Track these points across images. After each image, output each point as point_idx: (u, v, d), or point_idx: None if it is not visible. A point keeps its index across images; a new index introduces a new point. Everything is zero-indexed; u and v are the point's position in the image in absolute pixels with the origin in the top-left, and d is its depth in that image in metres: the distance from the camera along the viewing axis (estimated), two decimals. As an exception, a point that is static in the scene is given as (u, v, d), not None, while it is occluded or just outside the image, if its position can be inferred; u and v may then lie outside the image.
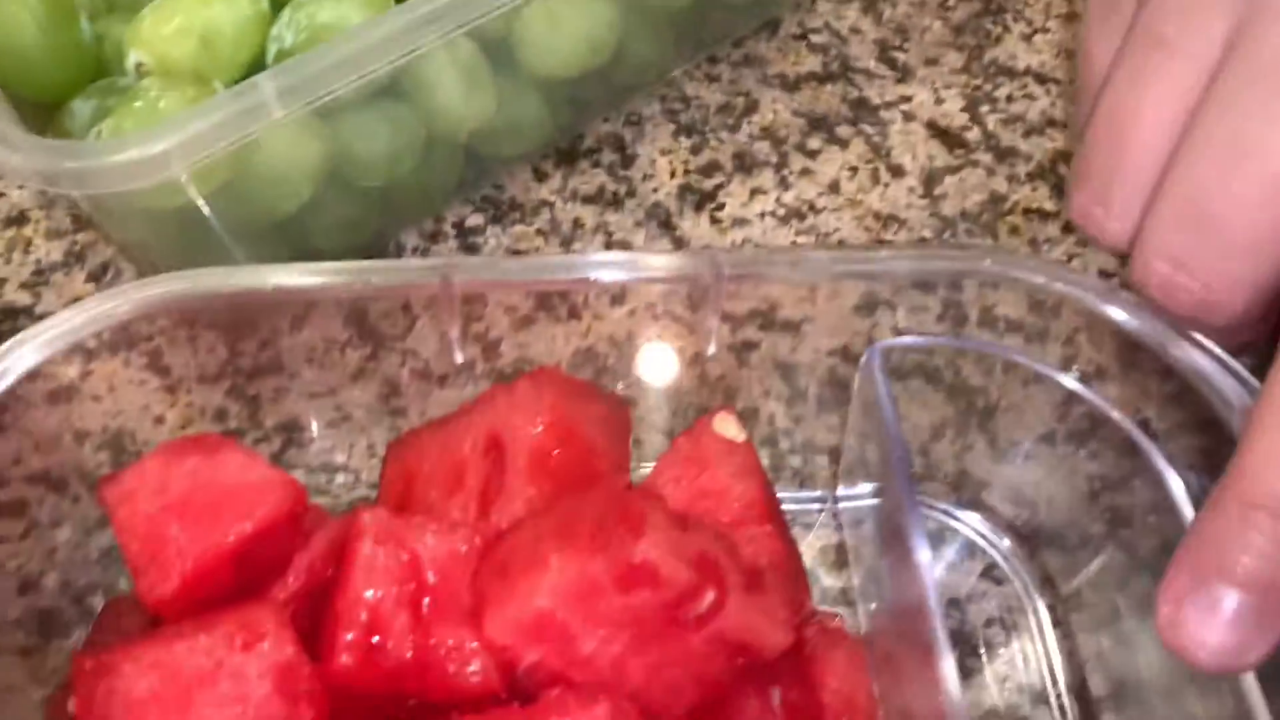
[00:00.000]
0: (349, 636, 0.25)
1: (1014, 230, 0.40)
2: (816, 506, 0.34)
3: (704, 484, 0.29)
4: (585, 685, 0.24)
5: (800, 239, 0.35)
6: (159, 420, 0.31)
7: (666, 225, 0.39)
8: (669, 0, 0.39)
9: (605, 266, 0.29)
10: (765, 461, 0.33)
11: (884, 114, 0.43)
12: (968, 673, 0.31)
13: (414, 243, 0.39)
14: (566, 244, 0.39)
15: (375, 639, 0.25)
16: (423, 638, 0.25)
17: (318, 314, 0.30)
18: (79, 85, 0.34)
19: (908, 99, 0.43)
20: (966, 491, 0.34)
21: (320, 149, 0.33)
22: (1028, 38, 0.45)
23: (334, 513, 0.29)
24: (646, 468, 0.32)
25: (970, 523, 0.34)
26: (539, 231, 0.38)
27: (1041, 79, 0.44)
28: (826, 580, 0.33)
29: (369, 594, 0.25)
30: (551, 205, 0.39)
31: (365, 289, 0.29)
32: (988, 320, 0.31)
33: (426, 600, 0.25)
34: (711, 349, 0.31)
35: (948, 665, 0.24)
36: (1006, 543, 0.34)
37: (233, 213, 0.33)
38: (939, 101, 0.43)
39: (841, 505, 0.34)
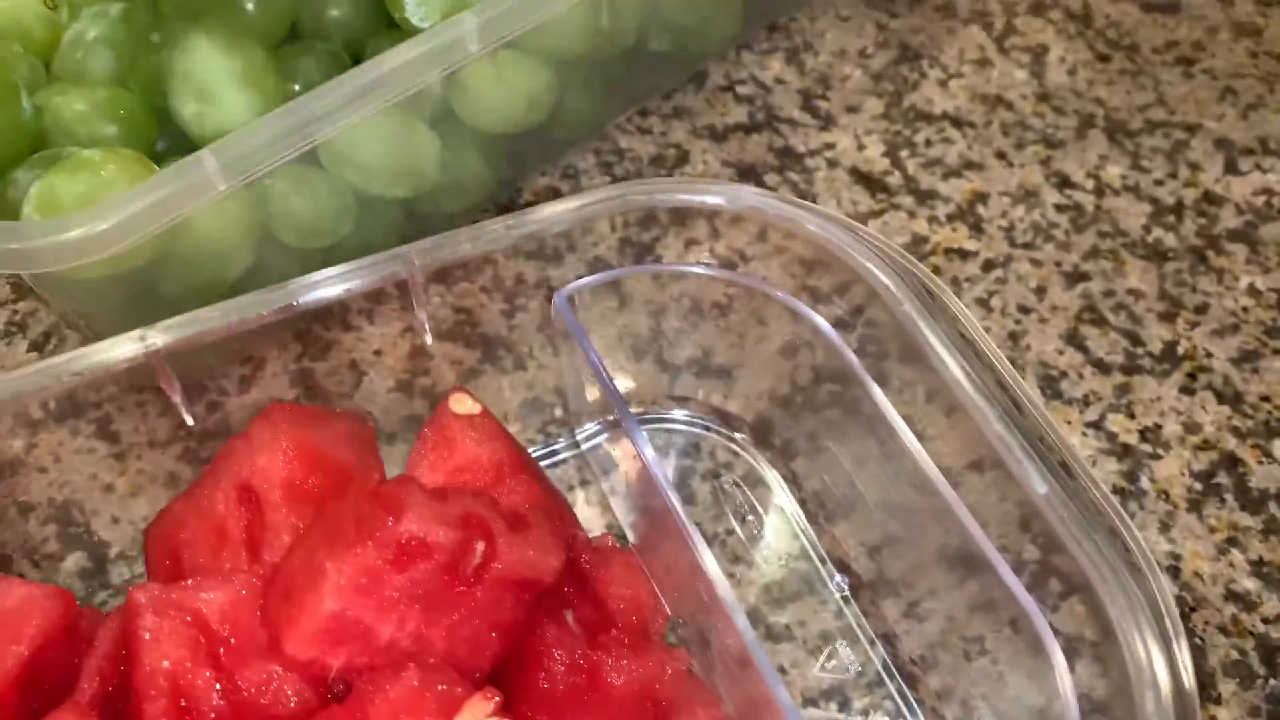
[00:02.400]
0: (156, 708, 0.25)
1: (936, 270, 0.42)
2: (564, 450, 0.37)
3: (457, 461, 0.31)
4: (391, 662, 0.26)
5: (733, 290, 0.37)
6: (109, 488, 0.32)
7: (626, 307, 0.38)
8: (602, 56, 0.40)
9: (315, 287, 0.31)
10: (515, 427, 0.36)
11: (809, 161, 0.45)
12: (733, 556, 0.35)
13: (359, 304, 0.38)
14: (510, 300, 0.39)
15: (182, 703, 0.25)
16: (230, 685, 0.26)
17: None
18: (21, 157, 0.34)
19: (831, 146, 0.46)
20: (699, 403, 0.38)
21: (255, 218, 0.34)
22: (943, 83, 0.48)
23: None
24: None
25: (708, 423, 0.38)
26: (483, 289, 0.38)
27: (957, 123, 0.47)
28: (588, 511, 0.36)
29: (163, 664, 0.26)
30: (495, 262, 0.38)
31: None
32: (656, 245, 0.34)
33: (222, 650, 0.26)
34: (429, 339, 0.33)
35: (701, 548, 0.28)
36: (739, 435, 0.38)
37: (176, 279, 0.33)
38: (861, 148, 0.46)
39: (582, 441, 0.37)
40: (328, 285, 0.30)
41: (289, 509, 0.29)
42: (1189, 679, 0.24)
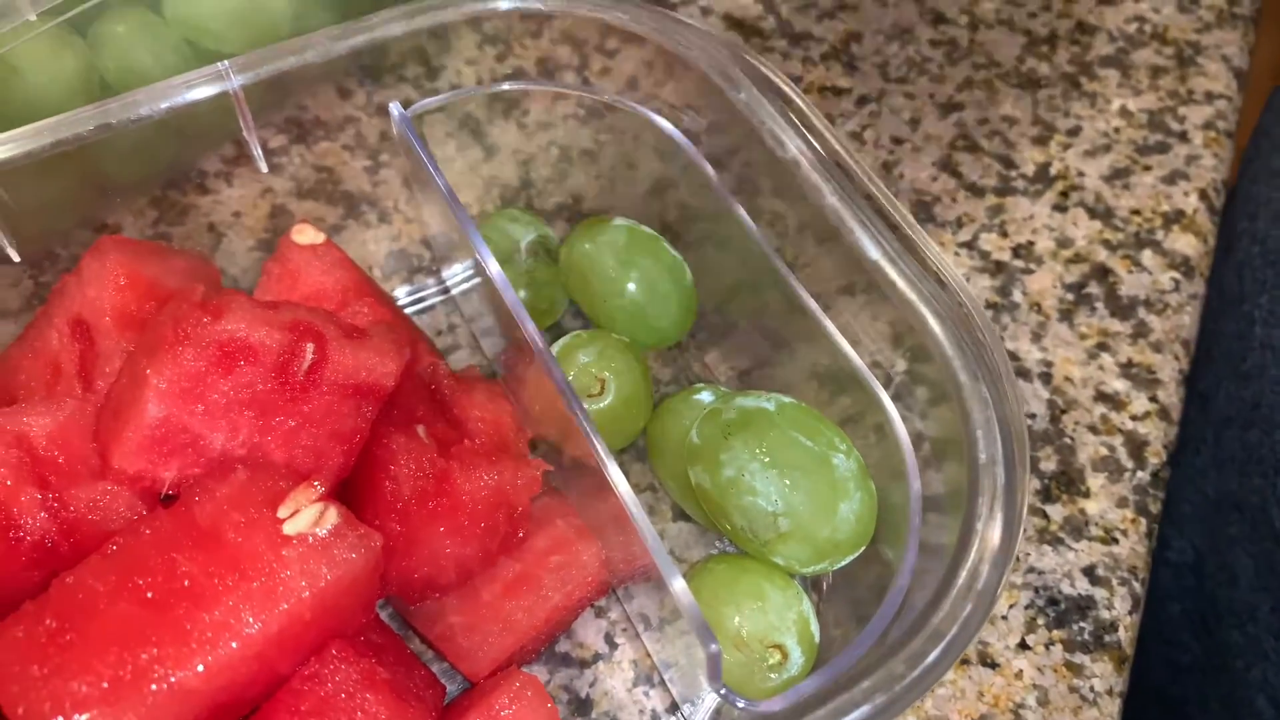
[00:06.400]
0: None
1: (811, 106, 0.42)
2: (434, 297, 0.36)
3: (301, 291, 0.30)
4: (223, 464, 0.25)
5: (603, 137, 0.37)
6: None
7: (476, 133, 0.37)
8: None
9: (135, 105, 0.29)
10: (383, 278, 0.35)
11: (681, 11, 0.44)
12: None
13: (215, 168, 0.37)
14: (374, 157, 0.38)
15: (5, 521, 0.25)
16: (58, 504, 0.25)
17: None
18: None
19: (705, -7, 0.45)
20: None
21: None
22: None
23: None
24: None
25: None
26: (345, 147, 0.37)
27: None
28: (460, 353, 0.35)
29: (-19, 487, 0.25)
30: (358, 121, 0.38)
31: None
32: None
33: (51, 472, 0.25)
34: (263, 167, 0.32)
35: (543, 348, 0.27)
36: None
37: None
38: (734, -8, 0.45)
39: (452, 287, 0.36)
40: (148, 103, 0.29)
41: (121, 336, 0.28)
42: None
